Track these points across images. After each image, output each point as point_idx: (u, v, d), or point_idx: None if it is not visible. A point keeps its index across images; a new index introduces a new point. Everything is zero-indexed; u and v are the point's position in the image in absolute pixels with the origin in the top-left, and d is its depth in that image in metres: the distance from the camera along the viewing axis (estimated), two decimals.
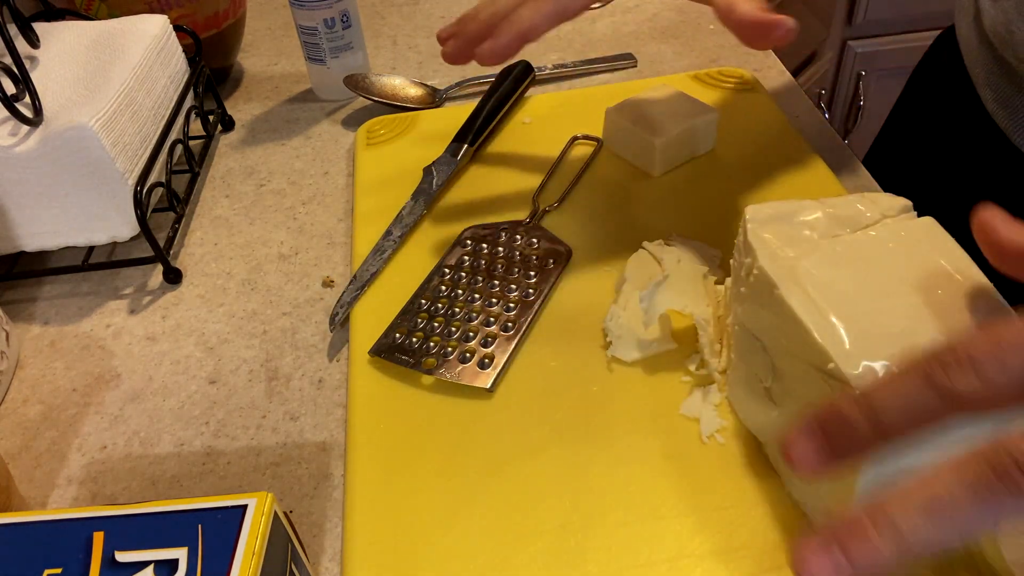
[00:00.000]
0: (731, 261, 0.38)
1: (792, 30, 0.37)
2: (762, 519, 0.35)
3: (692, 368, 0.41)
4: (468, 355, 0.42)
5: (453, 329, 0.44)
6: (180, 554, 0.26)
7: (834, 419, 0.22)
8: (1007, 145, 0.54)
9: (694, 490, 0.36)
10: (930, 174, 0.63)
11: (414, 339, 0.43)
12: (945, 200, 0.44)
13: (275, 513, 0.28)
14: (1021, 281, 0.26)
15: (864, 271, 0.32)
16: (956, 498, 0.20)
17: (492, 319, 0.44)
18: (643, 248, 0.47)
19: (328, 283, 0.51)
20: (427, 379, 0.42)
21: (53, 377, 0.46)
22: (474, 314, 0.45)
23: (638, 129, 0.53)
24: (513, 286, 0.46)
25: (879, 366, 0.28)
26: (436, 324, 0.44)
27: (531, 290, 0.46)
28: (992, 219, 0.27)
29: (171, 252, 0.54)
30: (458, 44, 0.45)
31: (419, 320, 0.45)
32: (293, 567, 0.30)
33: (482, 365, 0.42)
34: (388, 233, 0.51)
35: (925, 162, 0.64)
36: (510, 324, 0.44)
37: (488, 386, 0.41)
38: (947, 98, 0.61)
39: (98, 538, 0.26)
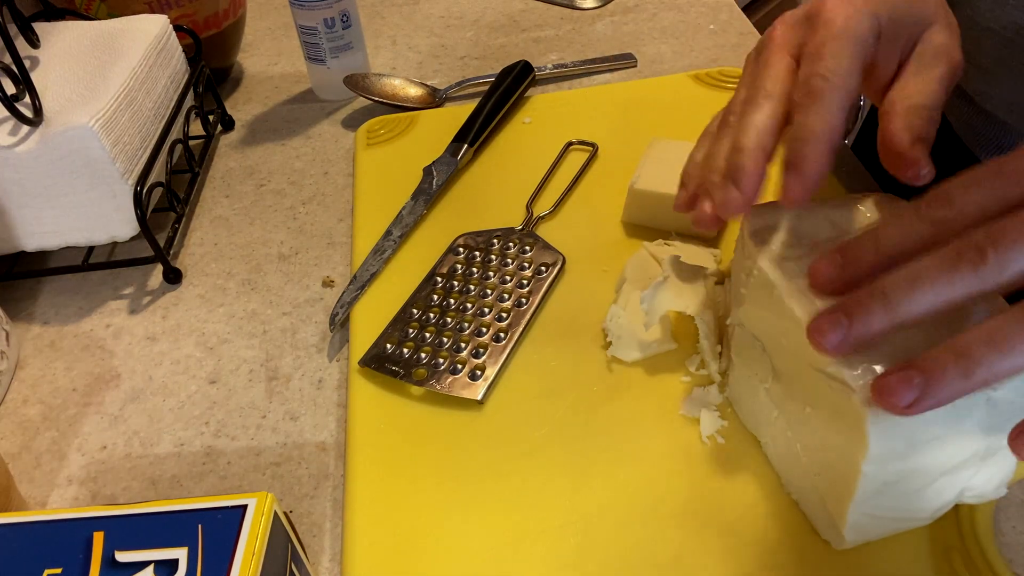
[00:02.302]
0: (731, 261, 0.38)
1: (924, 176, 0.32)
2: (762, 519, 0.35)
3: (692, 368, 0.41)
4: (459, 366, 0.42)
5: (444, 339, 0.43)
6: (180, 554, 0.26)
7: (849, 245, 0.28)
8: (966, 152, 0.57)
9: (694, 490, 0.36)
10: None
11: (405, 349, 0.43)
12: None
13: (275, 513, 0.28)
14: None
15: None
16: (931, 273, 0.25)
17: (484, 328, 0.44)
18: (643, 248, 0.47)
19: (328, 283, 0.51)
20: (418, 389, 0.42)
21: (53, 377, 0.46)
22: (466, 324, 0.44)
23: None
24: (506, 295, 0.46)
25: (878, 367, 0.28)
26: (427, 334, 0.44)
27: (523, 299, 0.45)
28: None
29: (171, 252, 0.54)
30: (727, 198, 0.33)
31: (410, 330, 0.44)
32: (293, 567, 0.30)
33: (473, 376, 0.41)
34: (388, 233, 0.51)
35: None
36: (502, 334, 0.43)
37: (478, 398, 0.40)
38: None
39: (98, 538, 0.26)
